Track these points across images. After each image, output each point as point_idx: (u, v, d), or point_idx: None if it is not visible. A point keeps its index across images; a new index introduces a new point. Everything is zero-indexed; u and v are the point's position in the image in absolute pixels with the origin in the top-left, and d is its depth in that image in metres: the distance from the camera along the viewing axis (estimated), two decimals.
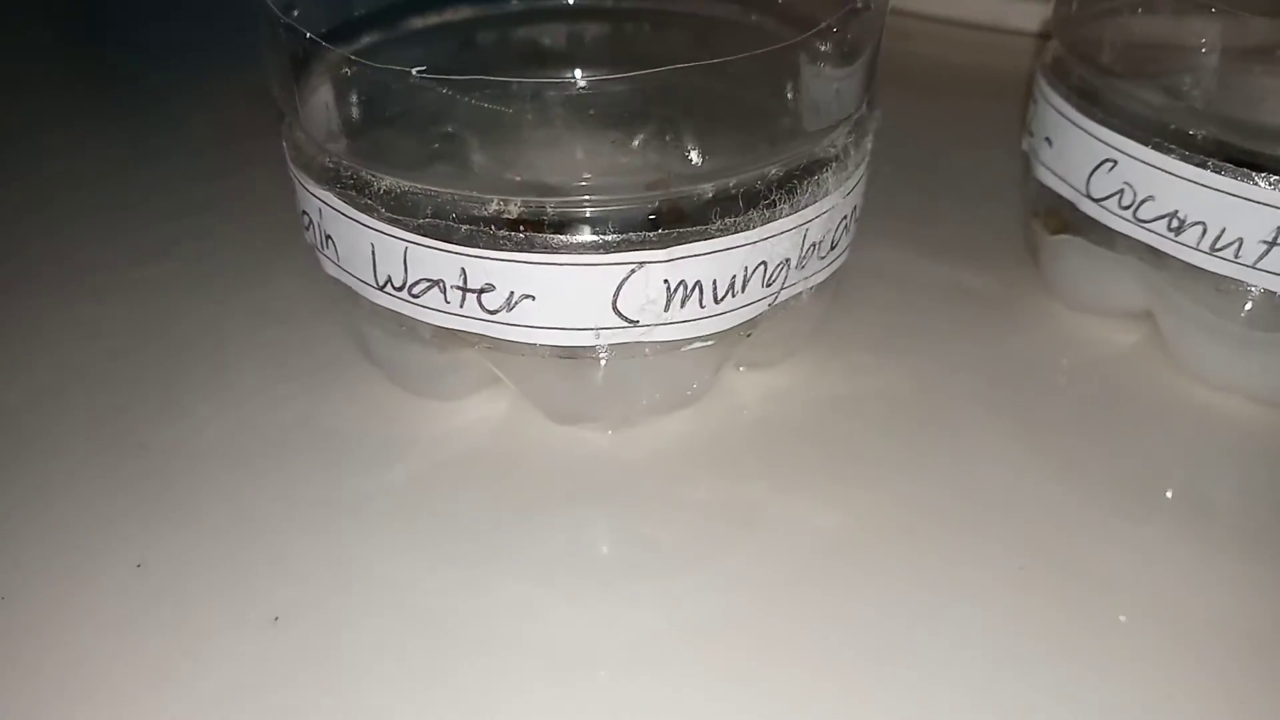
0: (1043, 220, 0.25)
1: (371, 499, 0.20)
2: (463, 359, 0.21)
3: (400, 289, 0.19)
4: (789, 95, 0.19)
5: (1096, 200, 0.23)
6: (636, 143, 0.18)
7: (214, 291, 0.26)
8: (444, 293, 0.19)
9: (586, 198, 0.18)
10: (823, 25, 0.18)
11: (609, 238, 0.18)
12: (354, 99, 0.19)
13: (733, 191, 0.19)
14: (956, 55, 0.40)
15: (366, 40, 0.25)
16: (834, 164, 0.20)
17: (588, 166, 0.18)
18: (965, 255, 0.28)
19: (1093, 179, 0.23)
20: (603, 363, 0.20)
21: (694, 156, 0.20)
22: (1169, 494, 0.21)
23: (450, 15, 0.26)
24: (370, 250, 0.19)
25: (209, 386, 0.23)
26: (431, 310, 0.19)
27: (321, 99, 0.19)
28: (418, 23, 0.26)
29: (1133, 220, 0.22)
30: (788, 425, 0.22)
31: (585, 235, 0.18)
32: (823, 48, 0.19)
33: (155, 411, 0.22)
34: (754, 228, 0.19)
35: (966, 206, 0.30)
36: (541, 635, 0.18)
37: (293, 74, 0.19)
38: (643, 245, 0.18)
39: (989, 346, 0.25)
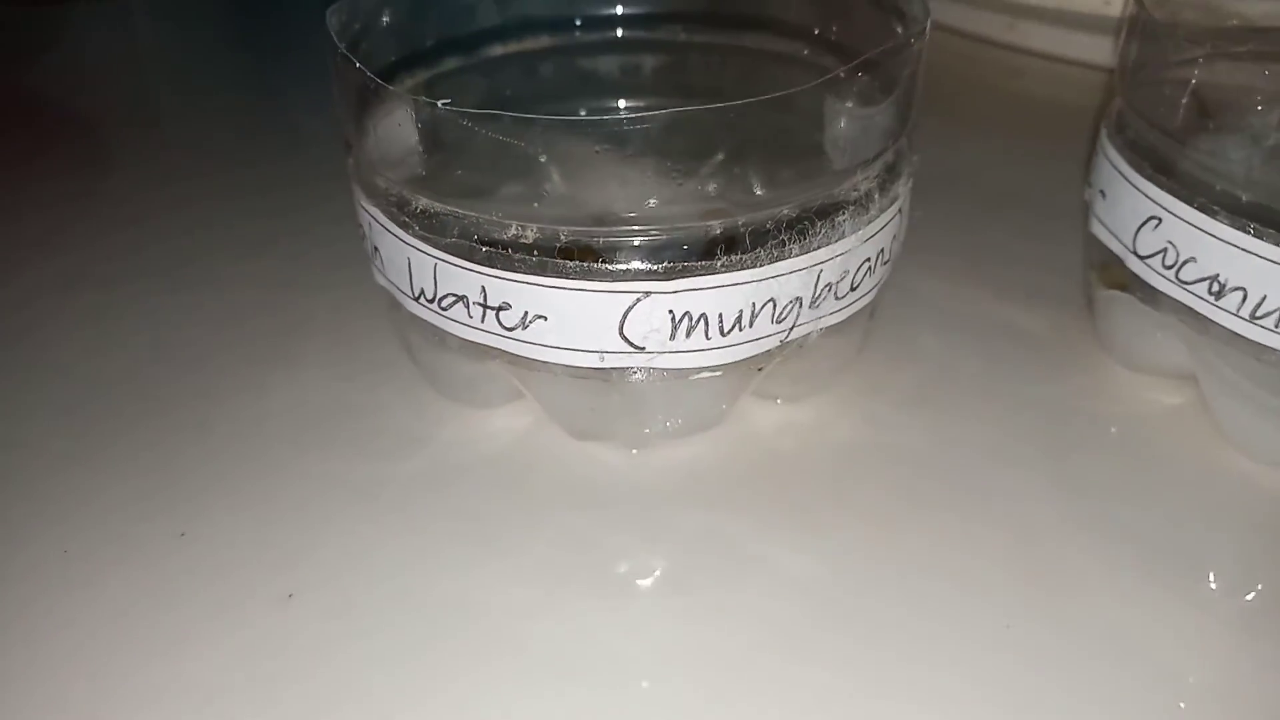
0: (1099, 273, 0.25)
1: (394, 491, 0.22)
2: (489, 370, 0.22)
3: (431, 301, 0.21)
4: (806, 135, 0.20)
5: (1142, 258, 0.22)
6: (647, 177, 0.19)
7: (300, 288, 0.29)
8: (468, 308, 0.20)
9: (616, 228, 0.19)
10: (834, 72, 0.19)
11: (616, 266, 0.19)
12: (394, 125, 0.20)
13: (741, 230, 0.19)
14: (1068, 95, 0.39)
15: (448, 66, 0.26)
16: (852, 207, 0.20)
17: (602, 199, 0.19)
18: (1026, 299, 0.27)
19: (1139, 235, 0.22)
20: (622, 384, 0.21)
21: (757, 189, 0.21)
22: (1195, 567, 0.20)
23: (529, 44, 0.28)
24: (407, 263, 0.21)
25: (276, 375, 0.25)
26: (457, 323, 0.21)
27: (370, 122, 0.20)
28: (498, 49, 0.27)
29: (1175, 281, 0.21)
30: (800, 463, 0.22)
31: (595, 262, 0.19)
32: (842, 90, 0.19)
33: (222, 395, 0.25)
34: (761, 265, 0.19)
35: (1043, 248, 0.30)
36: (519, 634, 0.19)
37: (348, 98, 0.21)
38: (649, 276, 0.19)
39: (1027, 395, 0.24)
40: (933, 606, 0.19)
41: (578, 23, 0.27)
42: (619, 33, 0.27)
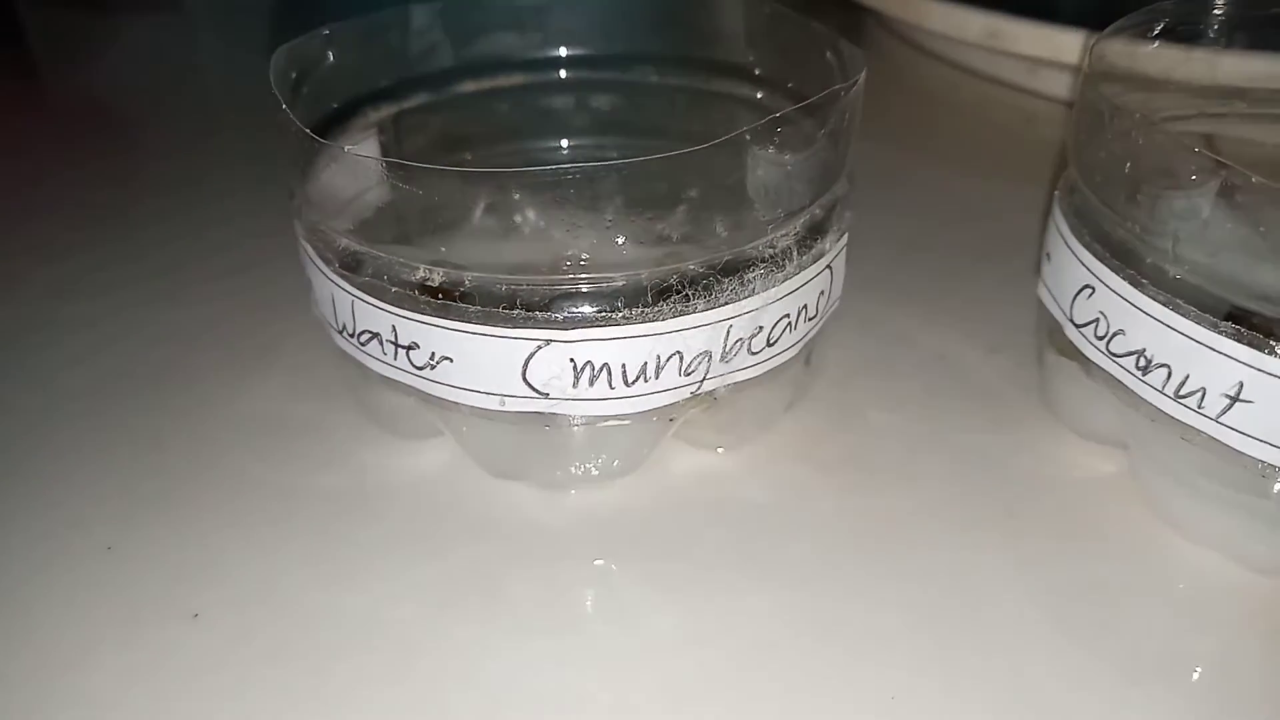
0: (1049, 336, 0.24)
1: (315, 511, 0.22)
2: (409, 405, 0.22)
3: (352, 336, 0.21)
4: (727, 189, 0.20)
5: (1077, 326, 0.22)
6: (559, 227, 0.19)
7: (274, 308, 0.29)
8: (382, 345, 0.21)
9: (518, 276, 0.20)
10: (742, 130, 0.19)
11: (517, 312, 0.19)
12: (320, 169, 0.21)
13: (645, 283, 0.19)
14: None
15: (414, 101, 0.27)
16: (765, 264, 0.20)
17: (515, 247, 0.19)
18: (988, 353, 0.27)
19: (1075, 303, 0.22)
20: (537, 427, 0.21)
21: (673, 241, 0.21)
22: (1124, 646, 0.19)
23: (502, 80, 0.28)
24: (331, 298, 0.21)
25: (239, 391, 0.26)
26: (374, 359, 0.21)
27: (301, 166, 0.21)
28: (469, 86, 0.28)
29: (1106, 353, 0.21)
30: (715, 518, 0.22)
31: (496, 308, 0.19)
32: (758, 143, 0.19)
33: (182, 409, 0.25)
34: (665, 319, 0.19)
35: (1021, 302, 0.29)
36: (402, 663, 0.19)
37: (284, 141, 0.21)
38: (548, 324, 0.19)
39: (967, 455, 0.24)
40: (818, 675, 0.19)
41: (545, 62, 0.27)
42: (586, 73, 0.28)
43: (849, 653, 0.19)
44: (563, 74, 0.28)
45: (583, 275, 0.19)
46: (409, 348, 0.20)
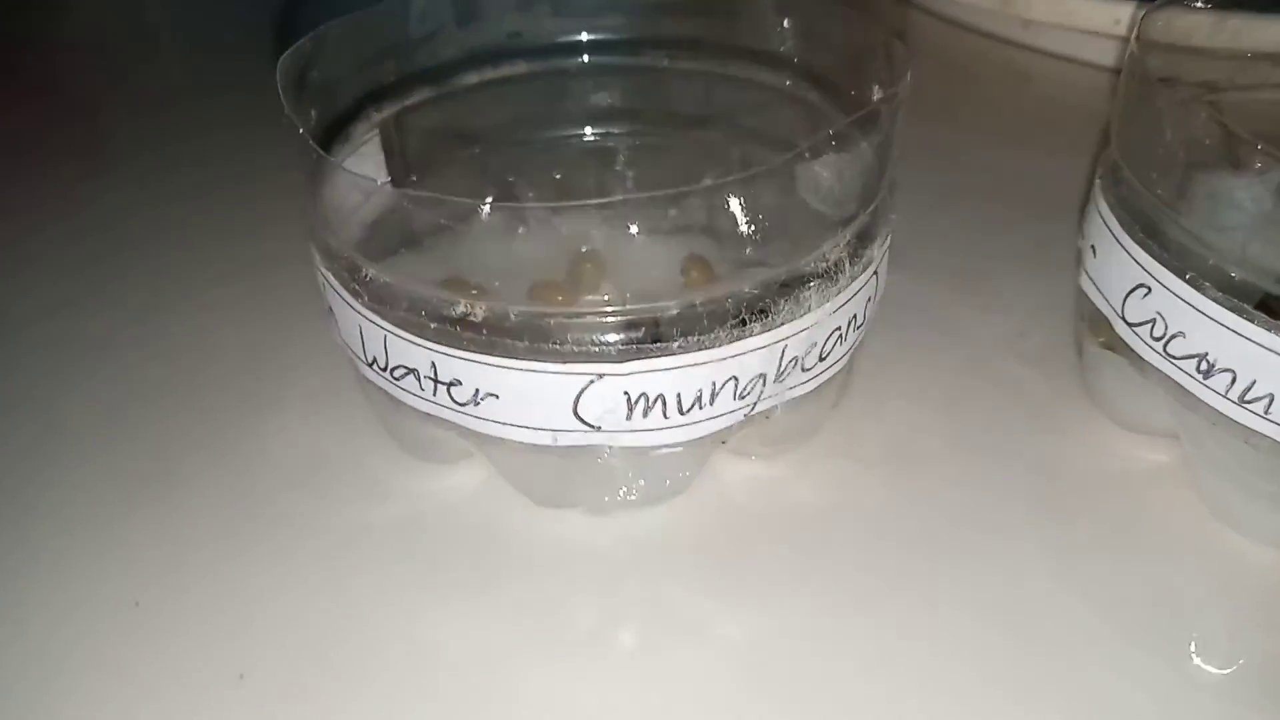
0: (1089, 325, 0.24)
1: (356, 546, 0.22)
2: (446, 436, 0.21)
3: (384, 370, 0.20)
4: (776, 207, 0.19)
5: (1130, 325, 0.21)
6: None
7: (279, 318, 0.28)
8: (419, 380, 0.20)
9: (565, 309, 0.19)
10: (798, 150, 0.18)
11: (567, 347, 0.18)
12: (331, 188, 0.19)
13: (699, 309, 0.18)
14: (1079, 99, 0.38)
15: (418, 97, 0.25)
16: (819, 280, 0.19)
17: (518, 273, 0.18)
18: (1019, 338, 0.27)
19: (1128, 302, 0.21)
20: (582, 457, 0.20)
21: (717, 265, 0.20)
22: (1180, 637, 0.19)
23: (507, 70, 0.27)
24: (359, 331, 0.20)
25: (248, 417, 0.25)
26: (410, 394, 0.20)
27: (318, 185, 0.20)
28: (472, 78, 0.26)
29: (1163, 354, 0.20)
30: (765, 526, 0.22)
31: (545, 343, 0.18)
32: (810, 158, 0.18)
33: (196, 443, 0.24)
34: (721, 345, 0.19)
35: (1042, 278, 0.28)
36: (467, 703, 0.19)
37: (300, 160, 0.20)
38: (601, 358, 0.18)
39: (1010, 450, 0.23)
40: (888, 684, 0.19)
41: (554, 49, 0.26)
42: (599, 58, 0.26)
43: (910, 658, 0.19)
44: (572, 60, 0.26)
45: (633, 305, 0.18)
46: (450, 384, 0.19)
